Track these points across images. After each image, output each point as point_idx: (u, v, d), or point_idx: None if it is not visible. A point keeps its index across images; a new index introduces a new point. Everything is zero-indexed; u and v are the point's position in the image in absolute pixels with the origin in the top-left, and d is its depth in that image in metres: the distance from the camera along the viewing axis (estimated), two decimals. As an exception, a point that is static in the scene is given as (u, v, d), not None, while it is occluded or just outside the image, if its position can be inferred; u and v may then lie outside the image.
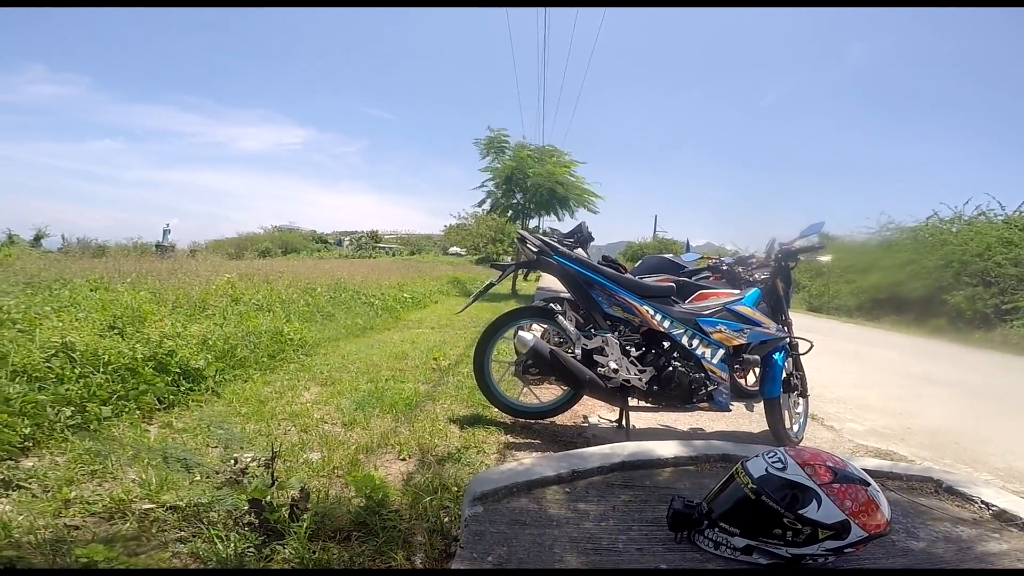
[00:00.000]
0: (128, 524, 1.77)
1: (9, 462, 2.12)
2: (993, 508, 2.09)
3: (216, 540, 1.63)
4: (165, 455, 2.08)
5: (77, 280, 5.61)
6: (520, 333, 2.99)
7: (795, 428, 3.18)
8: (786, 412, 3.10)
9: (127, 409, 2.77)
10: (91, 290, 5.23)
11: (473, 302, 3.50)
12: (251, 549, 1.62)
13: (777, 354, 3.03)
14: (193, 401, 3.13)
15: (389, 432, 2.77)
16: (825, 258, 3.25)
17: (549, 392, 3.39)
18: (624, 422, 3.08)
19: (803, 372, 3.29)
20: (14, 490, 1.93)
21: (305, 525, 1.67)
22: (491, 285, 3.27)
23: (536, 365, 2.98)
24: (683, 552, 1.67)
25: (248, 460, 1.89)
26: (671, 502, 1.77)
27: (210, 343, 3.81)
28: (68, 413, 2.50)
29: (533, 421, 3.18)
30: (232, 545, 1.61)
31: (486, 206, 16.89)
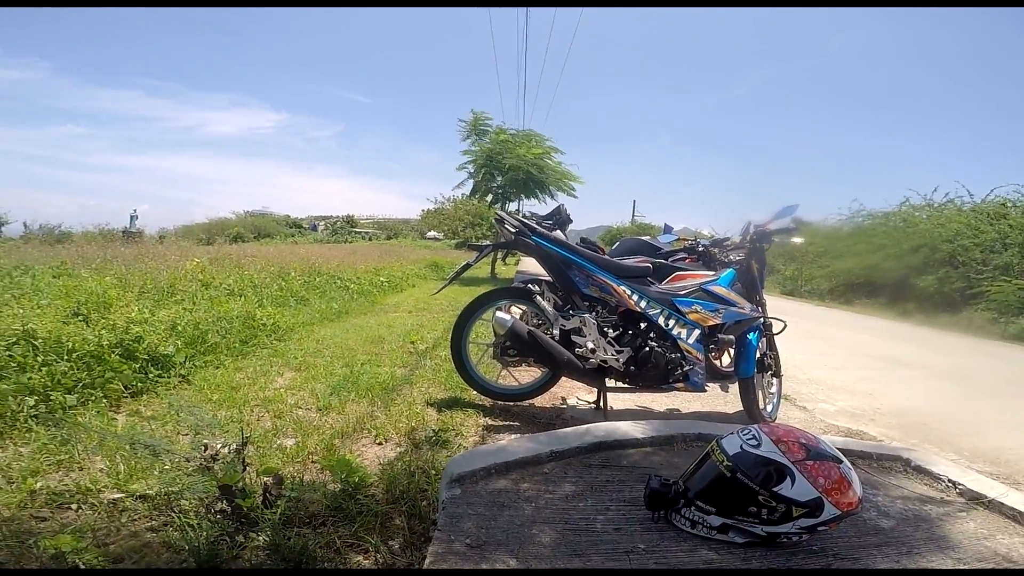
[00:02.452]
0: (97, 514, 1.72)
1: (-31, 453, 2.05)
2: (960, 487, 2.14)
3: (187, 528, 1.59)
4: (132, 442, 2.02)
5: (39, 267, 5.41)
6: (498, 314, 2.97)
7: (769, 408, 3.22)
8: (760, 392, 3.14)
9: (93, 397, 2.70)
10: (54, 276, 5.06)
11: (450, 283, 3.47)
12: (224, 537, 1.59)
13: (751, 334, 3.06)
14: (162, 388, 3.05)
15: (365, 416, 2.74)
16: (798, 239, 3.28)
17: (528, 374, 3.38)
18: (602, 403, 3.09)
19: (776, 352, 3.34)
20: (-25, 482, 1.87)
21: (279, 511, 1.64)
22: (468, 266, 3.24)
23: (514, 346, 2.97)
24: (660, 531, 1.67)
25: (218, 446, 1.84)
26: (648, 481, 1.77)
27: (179, 329, 3.72)
28: (31, 402, 2.44)
29: (512, 403, 3.18)
30: (204, 533, 1.57)
31: (465, 189, 16.85)
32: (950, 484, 2.17)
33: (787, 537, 1.60)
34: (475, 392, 3.20)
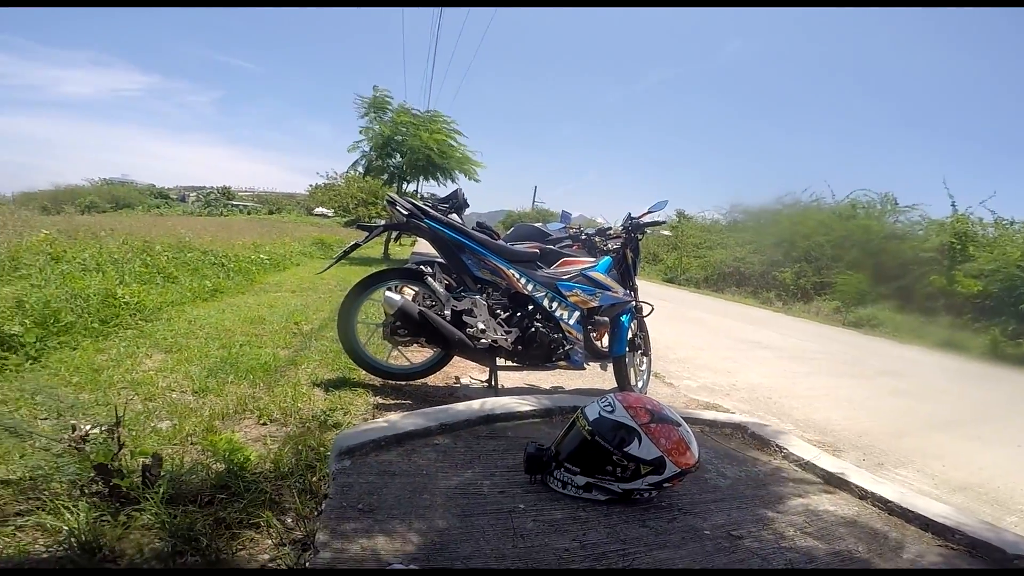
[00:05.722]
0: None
1: None
2: (785, 451, 2.56)
3: (63, 510, 1.51)
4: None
5: None
6: (387, 293, 3.00)
7: (639, 384, 3.56)
8: (632, 370, 3.46)
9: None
10: None
11: (336, 262, 3.41)
12: (105, 517, 1.53)
13: (624, 316, 3.37)
14: (10, 371, 2.75)
15: (247, 398, 2.65)
16: (667, 232, 3.65)
17: (420, 354, 3.44)
18: (493, 381, 3.24)
19: (646, 333, 3.69)
20: None
21: (161, 489, 1.61)
22: (356, 245, 3.21)
23: (405, 326, 3.02)
24: (538, 493, 1.87)
25: (88, 428, 1.75)
26: (526, 448, 1.95)
27: (27, 307, 3.34)
28: None
29: (404, 383, 3.23)
30: (82, 514, 1.50)
31: (359, 168, 16.23)
32: (778, 449, 2.58)
33: (640, 493, 1.85)
34: (365, 372, 3.21)
